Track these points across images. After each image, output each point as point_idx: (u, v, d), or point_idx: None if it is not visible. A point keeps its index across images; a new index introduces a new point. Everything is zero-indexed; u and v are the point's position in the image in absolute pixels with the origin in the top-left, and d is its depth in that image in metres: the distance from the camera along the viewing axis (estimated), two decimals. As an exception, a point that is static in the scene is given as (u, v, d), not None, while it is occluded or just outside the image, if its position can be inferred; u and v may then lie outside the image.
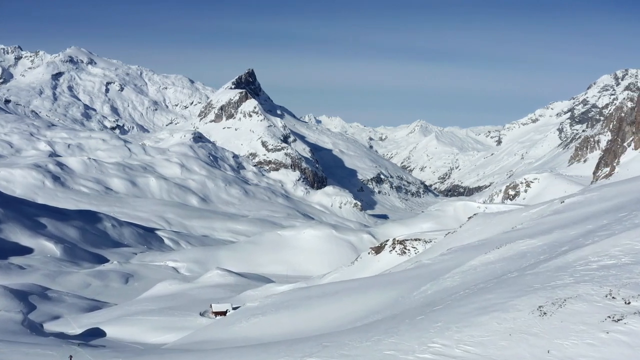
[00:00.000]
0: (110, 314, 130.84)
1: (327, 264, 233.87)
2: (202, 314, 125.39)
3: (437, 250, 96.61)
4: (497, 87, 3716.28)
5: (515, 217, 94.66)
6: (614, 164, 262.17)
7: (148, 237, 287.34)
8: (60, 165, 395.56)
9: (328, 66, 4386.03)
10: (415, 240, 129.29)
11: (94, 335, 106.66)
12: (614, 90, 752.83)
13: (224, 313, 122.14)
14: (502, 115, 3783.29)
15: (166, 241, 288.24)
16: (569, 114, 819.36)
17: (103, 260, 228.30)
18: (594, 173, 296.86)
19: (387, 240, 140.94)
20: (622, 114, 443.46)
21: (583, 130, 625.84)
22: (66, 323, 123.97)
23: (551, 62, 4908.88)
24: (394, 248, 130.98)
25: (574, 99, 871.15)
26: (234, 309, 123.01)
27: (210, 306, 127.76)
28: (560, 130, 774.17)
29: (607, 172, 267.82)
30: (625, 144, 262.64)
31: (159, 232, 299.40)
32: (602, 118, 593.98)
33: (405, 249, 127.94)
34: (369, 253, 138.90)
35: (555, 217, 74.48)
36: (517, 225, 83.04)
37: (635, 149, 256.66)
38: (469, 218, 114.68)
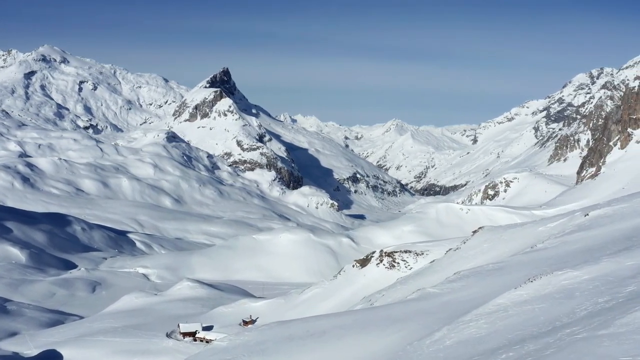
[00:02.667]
0: (70, 331, 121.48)
1: (305, 270, 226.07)
2: (169, 335, 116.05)
3: (439, 271, 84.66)
4: (472, 85, 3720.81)
5: (530, 233, 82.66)
6: (600, 164, 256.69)
7: (119, 240, 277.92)
8: (30, 166, 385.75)
9: (303, 65, 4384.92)
10: (405, 252, 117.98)
11: (49, 358, 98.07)
12: (589, 89, 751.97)
13: (192, 334, 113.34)
14: (477, 114, 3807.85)
15: (138, 244, 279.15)
16: (545, 112, 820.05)
17: (71, 266, 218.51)
18: (578, 173, 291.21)
19: (373, 252, 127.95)
20: (604, 113, 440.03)
21: (560, 129, 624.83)
22: (23, 341, 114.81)
23: (526, 60, 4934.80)
24: (381, 261, 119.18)
25: (549, 97, 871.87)
26: (204, 329, 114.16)
27: (178, 326, 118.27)
28: (536, 129, 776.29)
29: (592, 172, 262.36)
30: (611, 143, 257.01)
31: (130, 235, 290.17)
32: (578, 116, 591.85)
33: (394, 262, 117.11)
34: (353, 266, 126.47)
35: (583, 234, 63.96)
36: (536, 243, 71.01)
37: (622, 148, 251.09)
38: (474, 232, 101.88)
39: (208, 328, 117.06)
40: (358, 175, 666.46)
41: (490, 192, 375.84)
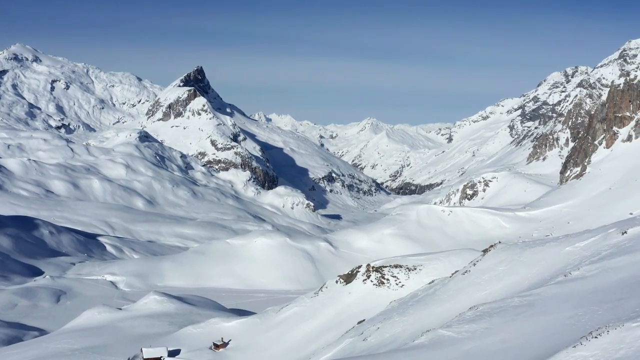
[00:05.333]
0: (23, 353, 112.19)
1: (282, 276, 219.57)
2: None
3: (446, 300, 72.26)
4: (447, 84, 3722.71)
5: (556, 253, 70.02)
6: (585, 164, 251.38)
7: (89, 244, 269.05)
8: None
9: (278, 64, 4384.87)
10: (396, 267, 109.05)
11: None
12: (564, 87, 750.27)
13: None
14: (452, 113, 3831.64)
15: (108, 248, 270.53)
16: (520, 111, 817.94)
17: (37, 272, 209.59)
18: (562, 173, 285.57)
19: (359, 267, 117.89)
20: (583, 111, 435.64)
21: (535, 127, 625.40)
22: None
23: (501, 59, 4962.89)
24: (368, 277, 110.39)
25: (524, 96, 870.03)
26: (170, 354, 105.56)
27: (141, 351, 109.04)
28: (511, 128, 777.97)
29: (577, 173, 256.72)
30: (596, 142, 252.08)
31: (101, 239, 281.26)
32: (554, 115, 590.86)
33: (384, 278, 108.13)
34: (336, 282, 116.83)
35: (627, 259, 52.17)
36: (567, 268, 60.25)
37: (608, 147, 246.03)
38: (484, 251, 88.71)
39: (175, 352, 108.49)
40: (333, 175, 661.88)
41: (469, 191, 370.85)
